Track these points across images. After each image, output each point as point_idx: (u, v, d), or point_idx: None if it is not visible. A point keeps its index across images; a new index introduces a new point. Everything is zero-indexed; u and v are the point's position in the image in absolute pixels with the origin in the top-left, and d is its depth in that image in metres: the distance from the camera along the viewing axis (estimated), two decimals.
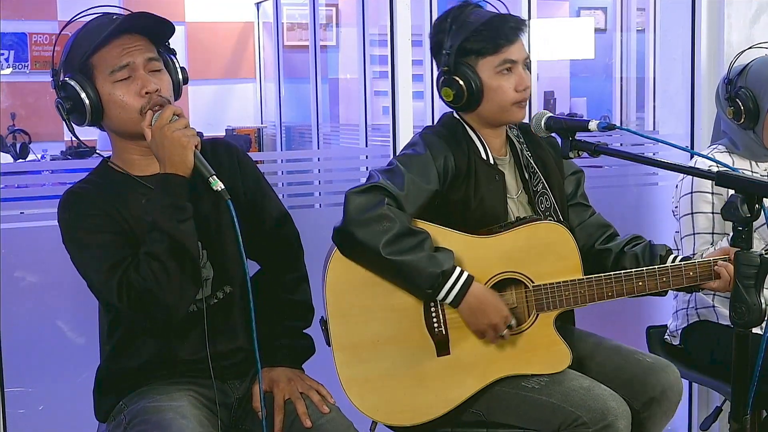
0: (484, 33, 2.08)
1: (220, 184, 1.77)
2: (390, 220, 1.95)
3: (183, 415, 1.82)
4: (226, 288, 2.00)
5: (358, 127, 4.22)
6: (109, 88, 1.87)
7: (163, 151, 1.81)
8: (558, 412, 1.97)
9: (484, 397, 2.07)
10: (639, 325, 2.87)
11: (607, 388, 2.00)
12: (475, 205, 2.11)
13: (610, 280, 2.04)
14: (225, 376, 1.99)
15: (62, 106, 1.89)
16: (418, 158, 2.07)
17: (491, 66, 2.09)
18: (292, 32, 7.35)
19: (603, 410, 1.94)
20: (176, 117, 1.82)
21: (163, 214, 1.80)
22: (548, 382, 2.03)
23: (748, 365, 1.63)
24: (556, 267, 2.06)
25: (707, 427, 2.59)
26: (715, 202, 2.52)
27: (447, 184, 2.09)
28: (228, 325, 1.99)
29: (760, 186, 1.60)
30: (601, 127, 1.88)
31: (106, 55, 1.87)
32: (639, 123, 6.18)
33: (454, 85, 2.10)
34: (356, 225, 1.95)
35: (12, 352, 2.54)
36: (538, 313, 2.06)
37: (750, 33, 3.11)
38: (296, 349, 2.09)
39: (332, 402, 1.99)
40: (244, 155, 2.10)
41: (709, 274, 2.05)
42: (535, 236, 2.07)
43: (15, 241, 2.63)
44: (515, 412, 2.05)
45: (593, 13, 8.05)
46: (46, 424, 2.71)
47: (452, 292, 1.98)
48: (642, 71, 5.92)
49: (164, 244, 1.79)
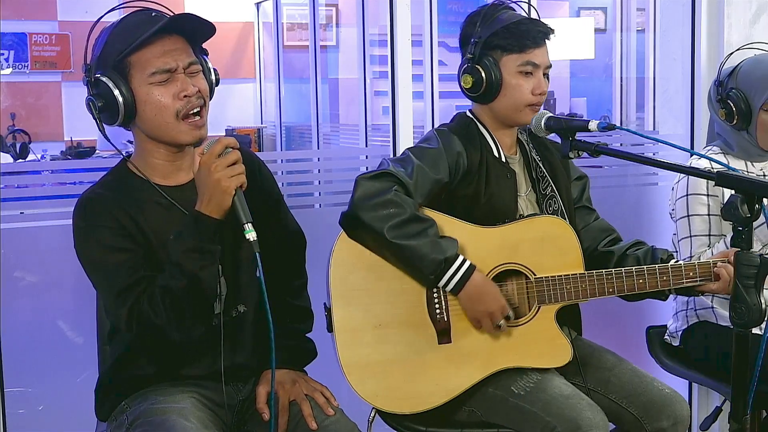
0: (513, 31, 2.12)
1: (254, 235, 1.72)
2: (397, 205, 1.97)
3: (186, 417, 1.81)
4: (240, 307, 1.98)
5: (358, 127, 4.22)
6: (146, 89, 1.82)
7: (204, 188, 1.76)
8: (537, 420, 1.98)
9: (478, 394, 2.08)
10: (639, 325, 2.87)
11: (587, 399, 2.01)
12: (484, 201, 2.13)
13: (611, 276, 2.06)
14: (228, 380, 1.98)
15: (94, 104, 1.83)
16: (431, 150, 2.10)
17: (514, 64, 2.13)
18: (292, 32, 7.36)
19: (577, 420, 1.94)
20: (228, 150, 1.77)
21: (186, 256, 1.76)
22: (533, 388, 2.04)
23: (748, 365, 1.63)
24: (557, 261, 2.08)
25: (707, 427, 2.59)
26: (711, 204, 2.53)
27: (458, 179, 2.11)
28: (237, 343, 1.98)
29: (760, 186, 1.60)
30: (601, 127, 1.88)
31: (147, 54, 1.82)
32: (639, 123, 6.18)
33: (475, 74, 2.14)
34: (364, 209, 1.97)
35: (12, 352, 2.54)
36: (540, 306, 2.08)
37: (750, 33, 3.11)
38: (301, 351, 2.09)
39: (336, 405, 1.98)
40: (265, 166, 2.09)
41: (709, 275, 2.07)
42: (538, 229, 2.09)
43: (15, 241, 2.63)
44: (505, 416, 2.06)
45: (593, 13, 8.05)
46: (46, 424, 2.71)
47: (453, 280, 2.00)
48: (642, 71, 5.92)
49: (182, 282, 1.76)
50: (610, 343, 2.30)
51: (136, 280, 1.79)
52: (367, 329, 2.05)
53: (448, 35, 6.39)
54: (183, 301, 1.76)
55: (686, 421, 2.11)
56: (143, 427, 1.83)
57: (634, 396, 2.09)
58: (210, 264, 1.78)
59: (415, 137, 2.89)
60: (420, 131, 3.02)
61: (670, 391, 2.12)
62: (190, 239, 1.77)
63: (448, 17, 7.54)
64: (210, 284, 1.80)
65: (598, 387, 2.14)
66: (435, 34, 3.74)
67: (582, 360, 2.18)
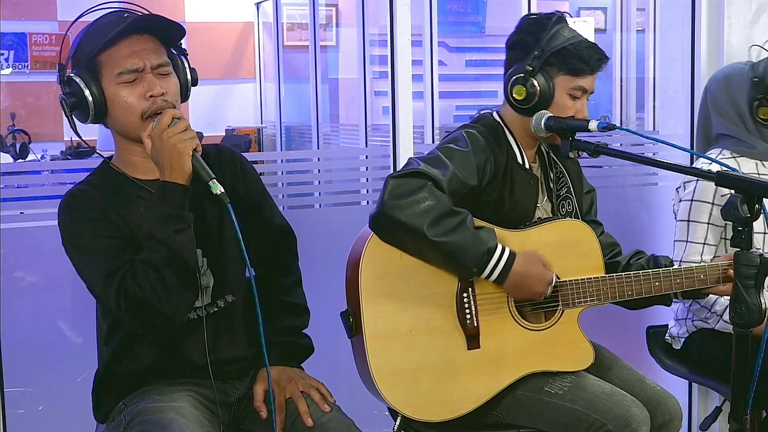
0: (575, 53, 2.09)
1: (220, 188, 1.74)
2: (433, 199, 1.94)
3: (183, 415, 1.81)
4: (228, 297, 1.99)
5: (358, 127, 4.23)
6: (114, 89, 1.85)
7: (162, 158, 1.78)
8: (583, 419, 2.00)
9: (505, 399, 2.08)
10: (639, 325, 2.86)
11: (627, 395, 2.05)
12: (509, 207, 2.12)
13: (630, 280, 2.10)
14: (226, 376, 1.99)
15: (66, 102, 1.87)
16: (461, 153, 2.06)
17: (566, 85, 2.10)
18: (291, 32, 7.36)
19: (627, 417, 1.97)
20: (175, 120, 1.80)
21: (159, 224, 1.78)
22: (571, 387, 2.06)
23: (748, 365, 1.63)
24: (580, 264, 2.10)
25: (707, 427, 2.59)
26: (714, 213, 2.51)
27: (484, 183, 2.09)
28: (230, 333, 1.99)
29: (760, 186, 1.60)
30: (601, 127, 1.88)
31: (115, 54, 1.84)
32: (639, 123, 6.18)
33: (531, 87, 2.10)
34: (398, 207, 1.93)
35: (12, 352, 2.54)
36: (564, 309, 2.10)
37: (750, 33, 3.11)
38: (297, 347, 2.09)
39: (333, 401, 1.99)
40: (247, 162, 2.10)
41: (718, 277, 2.10)
42: (561, 233, 2.11)
43: (15, 241, 2.63)
44: (539, 417, 2.06)
45: (593, 13, 8.05)
46: (46, 424, 2.71)
47: (497, 270, 1.98)
48: (642, 71, 5.92)
49: (161, 253, 1.77)
50: (610, 343, 2.30)
51: (121, 263, 1.81)
52: (398, 336, 2.01)
53: (448, 35, 6.41)
54: (164, 270, 1.77)
55: (680, 416, 2.14)
56: (140, 426, 1.83)
57: (634, 394, 2.10)
58: (183, 228, 1.79)
59: (415, 137, 2.89)
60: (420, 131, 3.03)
61: (661, 389, 2.16)
62: (159, 207, 1.79)
63: (448, 17, 7.54)
64: (187, 249, 1.80)
65: None
66: (435, 34, 3.75)
67: None
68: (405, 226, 1.93)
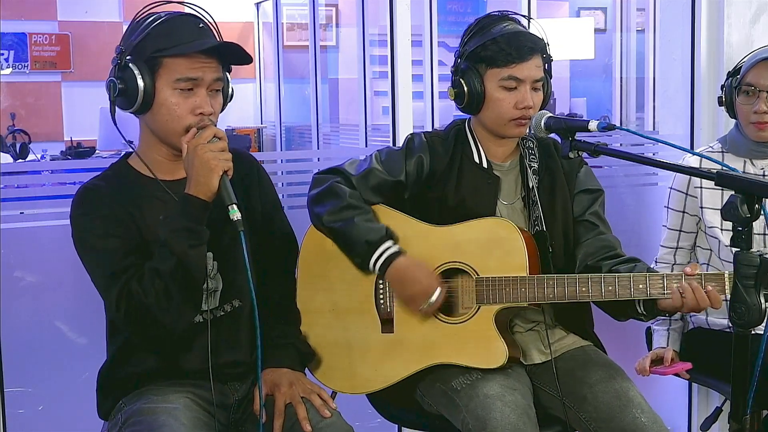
0: (499, 45, 2.10)
1: (238, 215, 1.74)
2: (335, 195, 2.13)
3: (176, 418, 1.82)
4: (235, 302, 2.00)
5: (357, 127, 4.23)
6: (167, 91, 1.85)
7: (192, 169, 1.79)
8: (460, 414, 2.00)
9: (425, 384, 2.13)
10: (639, 325, 2.86)
11: (512, 402, 1.95)
12: (455, 204, 2.16)
13: (552, 282, 2.02)
14: (226, 378, 1.99)
15: (114, 86, 1.85)
16: (391, 152, 2.21)
17: (497, 78, 2.12)
18: (291, 32, 7.37)
19: (485, 419, 1.92)
20: (216, 139, 1.81)
21: (175, 235, 1.79)
22: (469, 386, 2.03)
23: (748, 365, 1.63)
24: (502, 262, 2.08)
25: (707, 427, 2.59)
26: (688, 203, 2.59)
27: (420, 181, 2.17)
28: (233, 337, 1.99)
29: (759, 186, 1.60)
30: (600, 127, 1.88)
31: (180, 61, 1.84)
32: (639, 123, 6.19)
33: (458, 87, 2.16)
34: (310, 200, 2.18)
35: (12, 352, 2.54)
36: (480, 306, 2.08)
37: (750, 33, 3.11)
38: (300, 352, 2.10)
39: (334, 407, 1.98)
40: (265, 172, 2.12)
41: (663, 290, 1.94)
42: (486, 230, 2.10)
43: (15, 241, 2.63)
44: (443, 407, 2.09)
45: (593, 14, 8.06)
46: (46, 424, 2.71)
47: (378, 263, 2.08)
48: (642, 71, 5.93)
49: (171, 264, 1.78)
50: (610, 343, 2.30)
51: (128, 265, 1.83)
52: (323, 312, 2.19)
53: (448, 35, 6.42)
54: (171, 281, 1.78)
55: None
56: (133, 426, 1.85)
57: (605, 421, 2.00)
58: (198, 244, 1.81)
59: None
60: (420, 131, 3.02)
61: (646, 421, 1.96)
62: (178, 220, 1.80)
63: (448, 17, 7.55)
64: (198, 265, 1.81)
65: (573, 403, 2.08)
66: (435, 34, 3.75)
67: (570, 371, 2.12)
68: (312, 216, 2.17)
